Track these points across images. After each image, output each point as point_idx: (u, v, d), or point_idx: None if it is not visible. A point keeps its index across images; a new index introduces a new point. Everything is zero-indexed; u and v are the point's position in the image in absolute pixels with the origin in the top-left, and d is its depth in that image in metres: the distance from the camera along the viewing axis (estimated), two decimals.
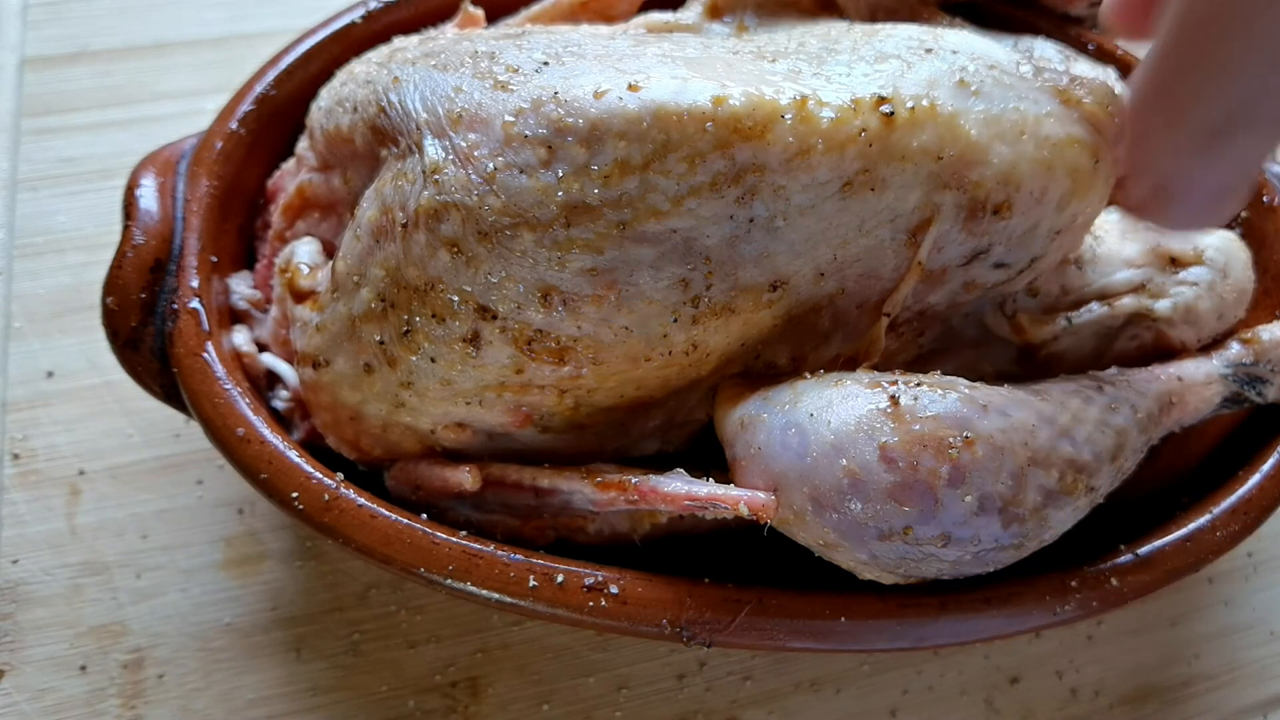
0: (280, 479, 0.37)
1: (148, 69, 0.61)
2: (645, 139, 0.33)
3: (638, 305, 0.35)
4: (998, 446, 0.34)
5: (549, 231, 0.34)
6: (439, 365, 0.36)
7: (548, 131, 0.33)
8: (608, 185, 0.33)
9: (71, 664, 0.43)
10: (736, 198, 0.34)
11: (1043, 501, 0.35)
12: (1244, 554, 0.49)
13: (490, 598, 0.36)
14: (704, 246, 0.35)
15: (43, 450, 0.48)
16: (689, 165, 0.34)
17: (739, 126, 0.33)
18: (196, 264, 0.40)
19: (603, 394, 0.37)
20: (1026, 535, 0.35)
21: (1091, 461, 0.36)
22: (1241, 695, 0.46)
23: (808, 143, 0.34)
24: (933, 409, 0.34)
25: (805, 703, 0.45)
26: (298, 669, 0.44)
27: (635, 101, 0.33)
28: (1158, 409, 0.39)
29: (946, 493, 0.34)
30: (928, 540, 0.34)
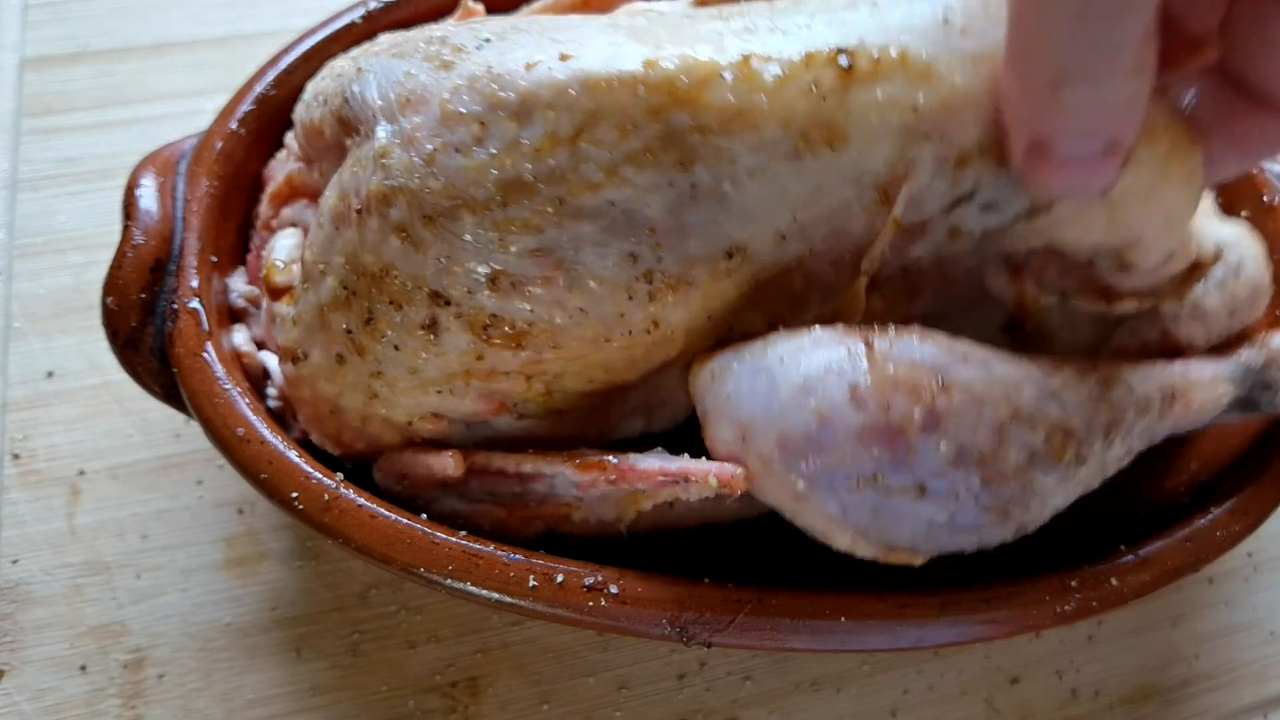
0: (280, 479, 0.37)
1: (148, 69, 0.61)
2: (574, 108, 0.32)
3: (588, 285, 0.34)
4: (977, 396, 0.32)
5: (488, 212, 0.33)
6: (403, 354, 0.36)
7: (481, 108, 0.33)
8: (539, 159, 0.33)
9: (71, 664, 0.43)
10: (675, 163, 0.33)
11: (1027, 462, 0.33)
12: (1244, 554, 0.49)
13: (490, 598, 0.36)
14: (646, 217, 0.33)
15: (43, 450, 0.48)
16: (620, 133, 0.32)
17: (673, 90, 0.32)
18: (196, 264, 0.40)
19: (571, 378, 0.37)
20: (1010, 500, 0.33)
21: (1081, 428, 0.34)
22: (1241, 695, 0.46)
23: (750, 101, 0.32)
24: (909, 354, 0.33)
25: (805, 703, 0.45)
26: (298, 669, 0.44)
27: (564, 71, 0.33)
28: (1159, 399, 0.38)
29: (920, 438, 0.32)
30: (900, 489, 0.32)
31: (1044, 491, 0.34)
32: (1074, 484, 0.35)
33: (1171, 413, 0.39)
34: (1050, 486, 0.34)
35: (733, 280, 0.35)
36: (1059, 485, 0.34)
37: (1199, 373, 0.39)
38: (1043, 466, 0.33)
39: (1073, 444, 0.34)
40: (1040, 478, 0.33)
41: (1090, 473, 0.36)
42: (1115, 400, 0.36)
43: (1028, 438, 0.33)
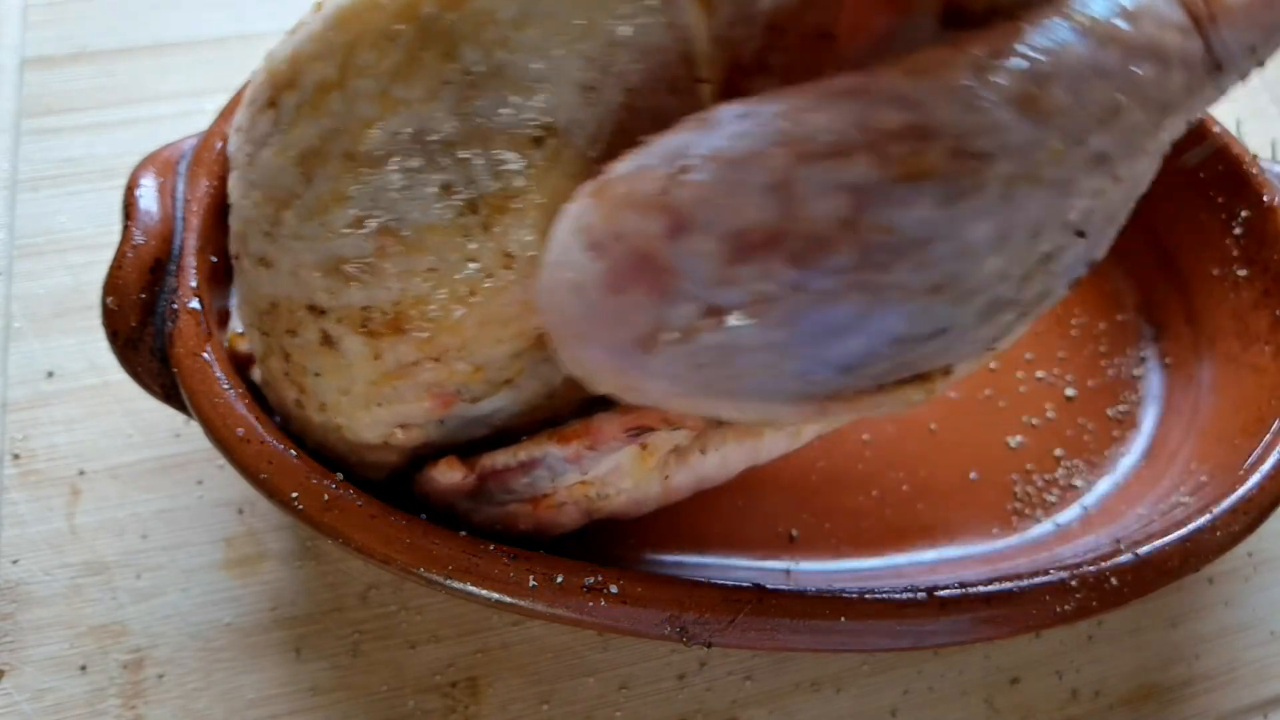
0: (280, 479, 0.37)
1: (148, 69, 0.61)
2: (333, 49, 0.31)
3: (425, 238, 0.32)
4: (731, 160, 0.24)
5: (299, 199, 0.32)
6: (325, 378, 0.35)
7: (270, 90, 0.32)
8: (318, 115, 0.31)
9: (71, 664, 0.43)
10: (440, 55, 0.30)
11: (853, 204, 0.24)
12: (1244, 554, 0.49)
13: (490, 597, 0.36)
14: (438, 134, 0.31)
15: (43, 450, 0.48)
16: (379, 52, 0.30)
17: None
18: (196, 264, 0.40)
19: (481, 346, 0.34)
20: (859, 264, 0.24)
21: (952, 120, 0.24)
22: (1241, 695, 0.46)
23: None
24: (639, 160, 0.26)
25: (806, 702, 0.45)
26: (298, 669, 0.44)
27: (318, 19, 0.32)
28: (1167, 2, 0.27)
29: (672, 249, 0.24)
30: (695, 326, 0.24)
31: (919, 229, 0.24)
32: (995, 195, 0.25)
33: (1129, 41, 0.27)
34: (929, 219, 0.24)
35: (562, 170, 0.31)
36: (953, 209, 0.24)
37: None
38: (891, 199, 0.24)
39: (938, 145, 0.24)
40: (893, 213, 0.24)
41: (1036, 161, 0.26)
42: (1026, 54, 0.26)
43: (835, 174, 0.24)
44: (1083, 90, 0.26)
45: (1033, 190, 0.25)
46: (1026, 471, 0.48)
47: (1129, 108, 0.27)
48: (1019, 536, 0.46)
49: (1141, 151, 0.28)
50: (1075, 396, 0.50)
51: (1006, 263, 0.26)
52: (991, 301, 0.26)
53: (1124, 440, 0.49)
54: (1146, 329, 0.52)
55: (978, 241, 0.25)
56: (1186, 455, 0.46)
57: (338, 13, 0.31)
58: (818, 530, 0.45)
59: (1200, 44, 0.27)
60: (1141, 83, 0.27)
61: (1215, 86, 0.29)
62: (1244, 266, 0.48)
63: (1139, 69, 0.27)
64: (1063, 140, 0.26)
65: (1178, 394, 0.49)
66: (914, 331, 0.26)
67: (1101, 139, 0.26)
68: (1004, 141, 0.25)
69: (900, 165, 0.24)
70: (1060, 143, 0.26)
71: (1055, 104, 0.25)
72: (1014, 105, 0.25)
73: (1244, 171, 0.48)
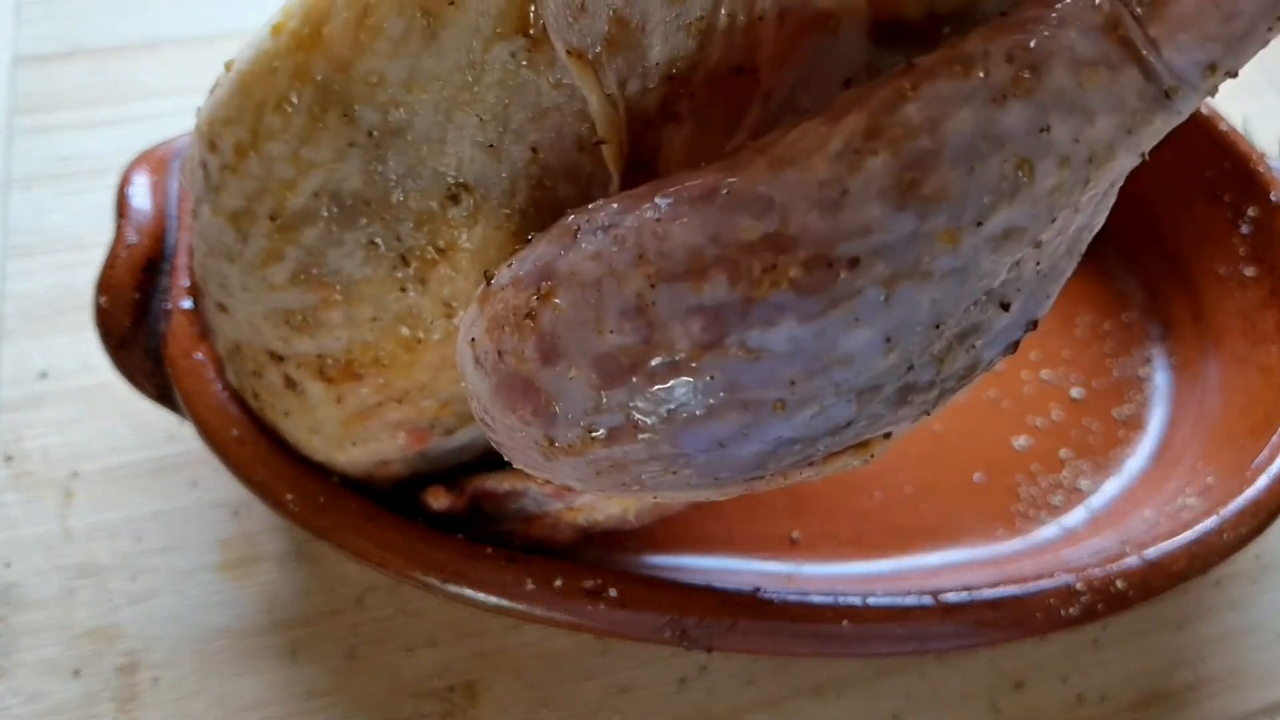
0: (275, 481, 0.37)
1: (142, 66, 0.61)
2: (242, 112, 0.31)
3: (361, 291, 0.32)
4: (588, 282, 0.23)
5: (239, 256, 0.33)
6: (294, 418, 0.35)
7: (199, 149, 0.32)
8: (240, 177, 0.31)
9: (65, 668, 0.43)
10: (339, 118, 0.30)
11: (711, 328, 0.22)
12: (1252, 556, 0.49)
13: (487, 601, 0.35)
14: (354, 193, 0.31)
15: (36, 452, 0.48)
16: (282, 116, 0.30)
17: (300, 42, 0.30)
18: (190, 263, 0.40)
19: (441, 385, 0.34)
20: (723, 388, 0.23)
21: (819, 222, 0.22)
22: (1248, 699, 0.46)
23: (361, 3, 0.29)
24: (514, 269, 0.25)
25: (808, 707, 0.44)
26: (294, 673, 0.43)
27: (227, 82, 0.31)
28: (1007, 76, 0.23)
29: (546, 376, 0.24)
30: (582, 445, 0.24)
31: (788, 347, 0.23)
32: (873, 300, 0.23)
33: (1035, 89, 0.23)
34: (796, 336, 0.23)
35: (486, 224, 0.31)
36: (823, 324, 0.23)
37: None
38: (748, 320, 0.23)
39: (799, 256, 0.22)
40: (756, 335, 0.23)
41: (920, 257, 0.23)
42: (903, 130, 0.23)
43: (692, 296, 0.23)
44: (976, 165, 0.23)
45: (920, 285, 0.23)
46: (1031, 473, 0.48)
47: (1041, 173, 0.23)
48: (1024, 539, 0.45)
49: (1069, 209, 0.24)
50: (1081, 397, 0.50)
51: (904, 356, 0.24)
52: (902, 388, 0.25)
53: (1130, 441, 0.48)
54: (1153, 329, 0.52)
55: (861, 349, 0.23)
56: (1193, 456, 0.46)
57: (240, 77, 0.31)
58: (820, 533, 0.45)
59: (1138, 74, 0.23)
60: (1056, 142, 0.23)
61: (1170, 112, 0.24)
62: (1251, 265, 0.47)
63: (1051, 127, 0.23)
64: (953, 227, 0.23)
65: (1184, 394, 0.49)
66: (811, 433, 0.25)
67: (1006, 214, 0.23)
68: (877, 242, 0.23)
69: (757, 283, 0.23)
70: (950, 231, 0.23)
71: (941, 187, 0.23)
72: (889, 196, 0.23)
73: (1251, 170, 0.47)
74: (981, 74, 0.23)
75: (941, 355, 0.25)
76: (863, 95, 0.24)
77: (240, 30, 0.63)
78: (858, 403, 0.24)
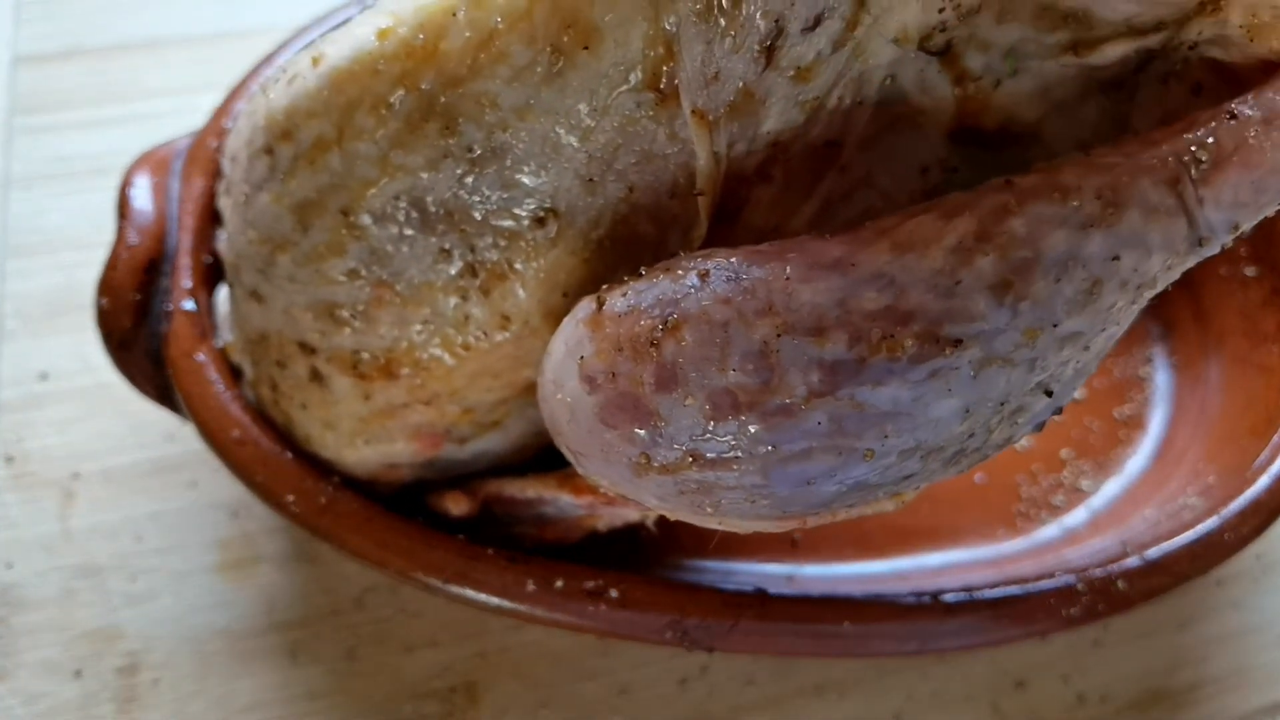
0: (275, 481, 0.37)
1: (141, 66, 0.60)
2: (330, 108, 0.31)
3: (421, 294, 0.32)
4: (716, 322, 0.26)
5: (295, 246, 0.32)
6: (311, 411, 0.35)
7: (267, 137, 0.32)
8: (315, 170, 0.31)
9: (65, 669, 0.43)
10: (440, 130, 0.30)
11: (828, 380, 0.25)
12: (1253, 556, 0.49)
13: (488, 602, 0.35)
14: (438, 202, 0.31)
15: (36, 452, 0.48)
16: (376, 117, 0.30)
17: (411, 51, 0.30)
18: (191, 264, 0.40)
19: (472, 392, 0.34)
20: (830, 433, 0.26)
21: (934, 305, 0.25)
22: (1249, 699, 0.46)
23: (487, 27, 0.29)
24: (631, 300, 0.27)
25: (809, 707, 0.44)
26: (293, 674, 0.43)
27: (314, 75, 0.31)
28: (1093, 211, 0.27)
29: (659, 400, 0.26)
30: (678, 465, 0.27)
31: (890, 405, 0.26)
32: (965, 376, 0.26)
33: (1116, 224, 0.27)
34: (898, 397, 0.26)
35: (564, 248, 0.31)
36: (922, 389, 0.26)
37: (1150, 156, 0.28)
38: (861, 377, 0.25)
39: (913, 330, 0.26)
40: (865, 391, 0.26)
41: (994, 350, 0.27)
42: (1009, 239, 0.26)
43: (813, 350, 0.25)
44: (1062, 278, 0.27)
45: (1002, 370, 0.27)
46: (1032, 473, 0.48)
47: (1106, 291, 0.27)
48: (1026, 539, 0.45)
49: (1115, 324, 0.29)
50: (1082, 397, 0.50)
51: (971, 426, 0.27)
52: (957, 452, 0.28)
53: (1131, 441, 0.48)
54: (1154, 328, 0.51)
55: (945, 415, 0.27)
56: (1194, 456, 0.46)
57: (334, 73, 0.31)
58: (821, 533, 0.45)
59: (1185, 224, 0.28)
60: (1121, 269, 0.27)
61: (1199, 256, 0.29)
62: (1252, 265, 0.47)
63: (1121, 257, 0.27)
64: (1036, 326, 0.27)
65: (1185, 394, 0.49)
66: (882, 481, 0.28)
67: (1075, 321, 0.27)
68: (978, 329, 0.26)
69: (874, 347, 0.26)
70: (1034, 328, 0.27)
71: (1032, 292, 0.26)
72: (991, 292, 0.26)
73: None
74: (1075, 204, 0.27)
75: (993, 428, 0.28)
76: (971, 201, 0.27)
77: (235, 30, 0.63)
78: (924, 459, 0.28)
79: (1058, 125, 0.32)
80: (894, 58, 0.30)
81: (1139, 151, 0.28)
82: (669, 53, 0.29)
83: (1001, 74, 0.31)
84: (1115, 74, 0.31)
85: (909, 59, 0.30)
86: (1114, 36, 0.30)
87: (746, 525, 0.29)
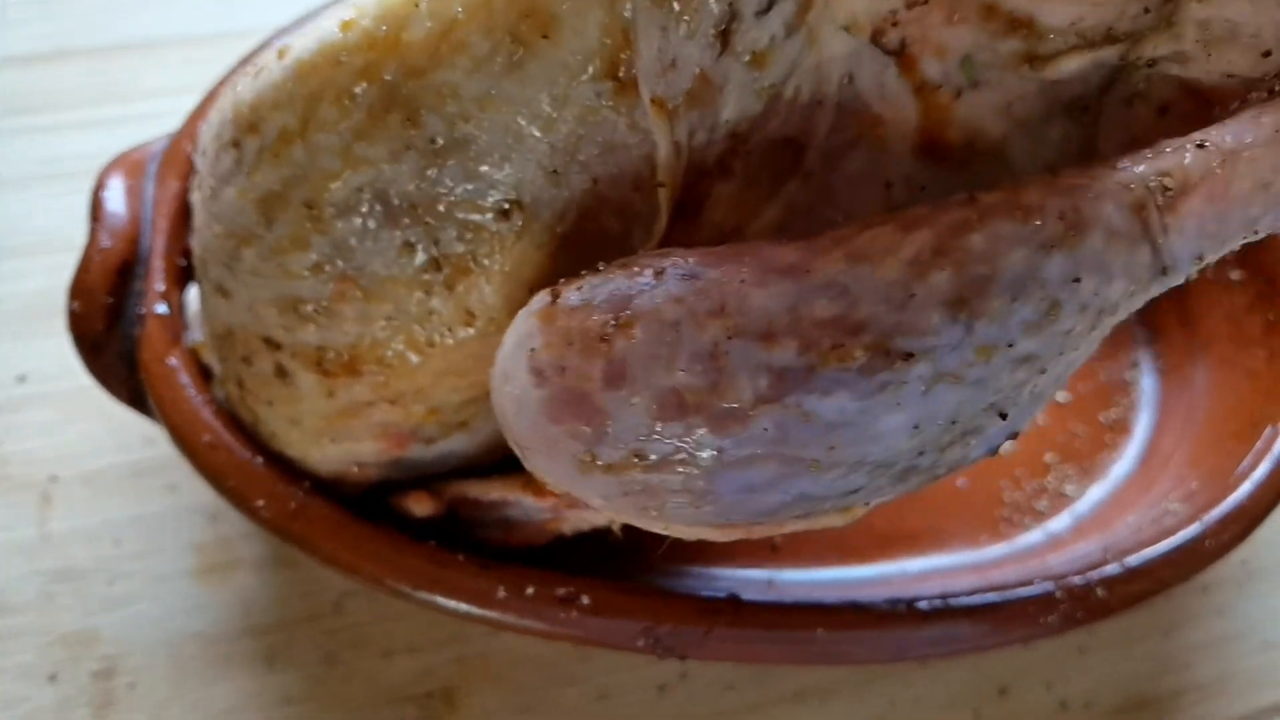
0: (247, 486, 0.36)
1: (130, 67, 0.61)
2: (294, 99, 0.31)
3: (385, 289, 0.32)
4: (667, 321, 0.26)
5: (259, 239, 0.32)
6: (277, 407, 0.35)
7: (234, 131, 0.32)
8: (279, 163, 0.31)
9: (41, 673, 0.42)
10: (402, 121, 0.30)
11: (776, 385, 0.25)
12: (1238, 562, 0.48)
13: (458, 609, 0.35)
14: (401, 194, 0.31)
15: (14, 456, 0.47)
16: (340, 109, 0.30)
17: (374, 42, 0.30)
18: (164, 267, 0.40)
19: (437, 392, 0.34)
20: (776, 438, 0.26)
21: (885, 315, 0.25)
22: (1233, 705, 0.45)
23: (448, 17, 0.29)
24: (585, 294, 0.27)
25: (790, 713, 0.44)
26: (270, 679, 0.43)
27: (279, 68, 0.31)
28: (1054, 231, 0.26)
29: (607, 397, 0.26)
30: (622, 464, 0.26)
31: (836, 416, 0.26)
32: (914, 391, 0.26)
33: (1077, 246, 0.27)
34: (845, 409, 0.26)
35: (529, 242, 0.32)
36: (871, 402, 0.26)
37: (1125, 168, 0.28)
38: (809, 385, 0.25)
39: (863, 340, 0.25)
40: (813, 400, 0.25)
41: (960, 363, 0.26)
42: (966, 255, 0.26)
43: (763, 355, 0.25)
44: (1019, 297, 0.26)
45: (953, 387, 0.27)
46: (1016, 478, 0.47)
47: (1065, 314, 0.27)
48: (1009, 545, 0.45)
49: (1073, 349, 0.28)
50: (1067, 401, 0.49)
51: (920, 443, 0.27)
52: (906, 469, 0.28)
53: (1116, 446, 0.48)
54: (1139, 332, 0.51)
55: (892, 429, 0.27)
56: (1179, 461, 0.45)
57: (298, 65, 0.31)
58: (801, 538, 0.44)
59: (1148, 251, 0.27)
60: (1082, 292, 0.27)
61: (1161, 285, 0.29)
62: (1238, 269, 0.47)
63: (1081, 279, 0.27)
64: (991, 344, 0.26)
65: (1171, 398, 0.48)
66: (827, 493, 0.28)
67: (1031, 342, 0.27)
68: (929, 343, 0.26)
69: (824, 356, 0.25)
70: (987, 347, 0.26)
71: (988, 310, 0.26)
72: (946, 307, 0.26)
73: None
74: (1038, 223, 0.26)
75: (944, 446, 0.28)
76: (931, 215, 0.27)
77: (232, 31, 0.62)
78: (871, 474, 0.27)
79: (1023, 146, 0.32)
80: (849, 50, 0.30)
81: (1105, 175, 0.27)
82: (626, 40, 0.29)
83: (961, 84, 0.31)
84: (1079, 94, 0.31)
85: (865, 56, 0.30)
86: (1068, 50, 0.30)
87: (691, 532, 0.28)
